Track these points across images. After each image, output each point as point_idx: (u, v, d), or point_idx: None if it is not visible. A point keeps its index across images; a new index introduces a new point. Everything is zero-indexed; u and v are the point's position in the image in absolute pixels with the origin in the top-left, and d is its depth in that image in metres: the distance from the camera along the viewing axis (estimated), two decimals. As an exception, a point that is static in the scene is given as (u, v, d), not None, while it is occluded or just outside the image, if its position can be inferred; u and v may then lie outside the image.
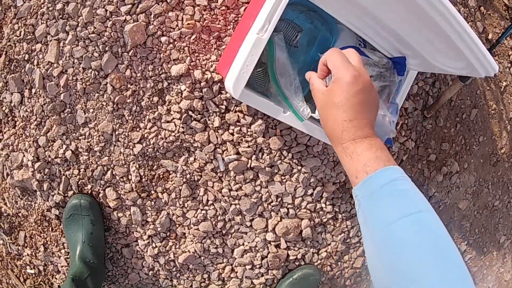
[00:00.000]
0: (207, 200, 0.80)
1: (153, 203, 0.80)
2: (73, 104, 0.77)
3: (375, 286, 0.38)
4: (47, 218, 0.86)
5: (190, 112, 0.74)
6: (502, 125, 1.05)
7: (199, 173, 0.78)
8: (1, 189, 0.90)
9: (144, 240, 0.82)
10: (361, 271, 0.96)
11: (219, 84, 0.74)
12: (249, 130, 0.76)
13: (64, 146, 0.79)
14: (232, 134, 0.76)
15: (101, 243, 0.81)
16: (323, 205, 0.85)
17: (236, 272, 0.87)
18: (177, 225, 0.83)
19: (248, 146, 0.77)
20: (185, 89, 0.73)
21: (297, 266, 0.89)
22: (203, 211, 0.80)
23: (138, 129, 0.77)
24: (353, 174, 0.44)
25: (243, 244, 0.85)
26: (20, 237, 0.93)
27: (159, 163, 0.78)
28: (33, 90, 0.77)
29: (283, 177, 0.80)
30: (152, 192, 0.80)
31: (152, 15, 0.71)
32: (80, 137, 0.79)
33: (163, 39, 0.72)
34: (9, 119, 0.82)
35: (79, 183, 0.80)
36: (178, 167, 0.78)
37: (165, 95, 0.75)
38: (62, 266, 0.90)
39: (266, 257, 0.86)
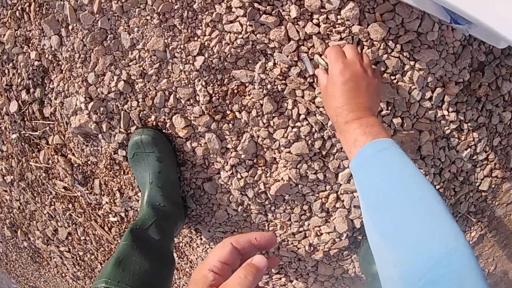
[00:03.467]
0: (298, 114, 0.75)
1: (230, 125, 0.78)
2: (114, 28, 0.75)
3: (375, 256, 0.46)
4: (116, 161, 0.88)
5: (256, 5, 0.67)
6: None
7: (283, 81, 0.72)
8: (66, 139, 0.96)
9: (227, 172, 0.81)
10: (487, 194, 0.90)
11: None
12: (338, 17, 0.67)
13: (115, 78, 0.79)
14: (317, 25, 0.68)
15: (173, 181, 0.83)
16: (445, 112, 0.76)
17: (343, 201, 0.84)
18: (264, 149, 0.80)
19: (341, 38, 0.68)
20: (246, -25, 0.66)
21: None
22: (295, 129, 0.76)
23: (195, 38, 0.72)
24: (348, 151, 0.57)
25: (349, 167, 0.76)
26: (95, 185, 0.97)
27: (230, 75, 0.74)
28: (70, 27, 0.78)
29: (392, 77, 0.71)
30: (228, 112, 0.77)
31: None
32: (130, 63, 0.77)
33: None
34: (55, 65, 0.85)
35: (140, 115, 0.80)
36: (254, 76, 0.73)
37: (221, -11, 0.69)
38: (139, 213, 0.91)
39: (378, 179, 0.76)
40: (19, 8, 0.83)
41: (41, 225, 1.21)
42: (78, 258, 1.22)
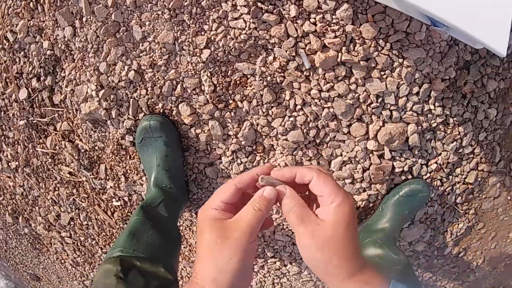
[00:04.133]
0: (295, 105, 0.82)
1: (232, 114, 0.85)
2: (126, 21, 0.81)
3: None
4: (123, 147, 0.94)
5: (259, 4, 0.73)
6: None
7: (282, 74, 0.79)
8: (74, 126, 1.01)
9: (228, 157, 0.86)
10: (473, 187, 0.95)
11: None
12: (334, 17, 0.73)
13: (126, 67, 0.86)
14: (314, 23, 0.74)
15: (178, 165, 0.88)
16: (432, 107, 0.82)
17: (334, 187, 0.86)
18: (263, 137, 0.88)
19: (335, 36, 0.74)
20: (250, -24, 0.71)
21: (403, 180, 0.90)
22: (291, 118, 0.83)
23: (202, 33, 0.78)
24: None
25: (341, 155, 0.87)
26: (101, 170, 1.03)
27: (233, 67, 0.81)
28: (84, 19, 0.84)
29: (382, 73, 0.78)
30: (230, 101, 0.84)
31: None
32: (141, 54, 0.84)
33: None
34: (67, 54, 0.91)
35: (148, 103, 0.85)
36: (256, 69, 0.80)
37: (228, -12, 0.75)
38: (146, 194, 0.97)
39: (368, 169, 0.88)
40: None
41: (44, 211, 1.26)
42: (79, 244, 1.28)
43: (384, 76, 0.77)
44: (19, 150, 1.16)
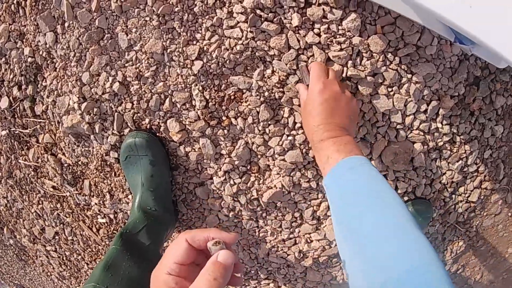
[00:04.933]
0: (294, 123, 0.72)
1: (226, 131, 0.75)
2: (111, 27, 0.72)
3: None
4: (108, 163, 0.84)
5: (258, 11, 0.64)
6: None
7: (281, 89, 0.70)
8: (57, 139, 0.91)
9: (220, 177, 0.77)
10: (476, 205, 0.89)
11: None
12: (340, 27, 0.64)
13: (111, 78, 0.75)
14: (318, 34, 0.65)
15: (165, 185, 0.79)
16: (439, 125, 0.75)
17: (334, 210, 0.77)
18: (258, 156, 0.78)
19: (341, 49, 0.65)
20: (248, -20, 0.63)
21: (406, 201, 0.83)
22: (290, 137, 0.73)
23: (194, 42, 0.69)
24: (321, 167, 0.57)
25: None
26: (85, 186, 0.93)
27: (227, 80, 0.71)
28: (66, 24, 0.74)
29: (389, 89, 0.69)
30: (223, 118, 0.74)
31: None
32: (126, 64, 0.73)
33: None
34: (49, 62, 0.81)
35: (134, 118, 0.76)
36: (252, 83, 0.70)
37: (223, -6, 0.66)
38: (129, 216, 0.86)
39: (370, 190, 0.74)
40: (14, 2, 0.78)
41: (28, 224, 1.15)
42: (64, 258, 1.17)
43: (392, 93, 0.68)
44: (1, 161, 1.05)
